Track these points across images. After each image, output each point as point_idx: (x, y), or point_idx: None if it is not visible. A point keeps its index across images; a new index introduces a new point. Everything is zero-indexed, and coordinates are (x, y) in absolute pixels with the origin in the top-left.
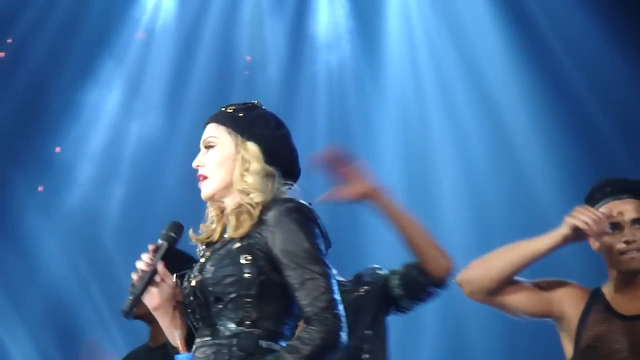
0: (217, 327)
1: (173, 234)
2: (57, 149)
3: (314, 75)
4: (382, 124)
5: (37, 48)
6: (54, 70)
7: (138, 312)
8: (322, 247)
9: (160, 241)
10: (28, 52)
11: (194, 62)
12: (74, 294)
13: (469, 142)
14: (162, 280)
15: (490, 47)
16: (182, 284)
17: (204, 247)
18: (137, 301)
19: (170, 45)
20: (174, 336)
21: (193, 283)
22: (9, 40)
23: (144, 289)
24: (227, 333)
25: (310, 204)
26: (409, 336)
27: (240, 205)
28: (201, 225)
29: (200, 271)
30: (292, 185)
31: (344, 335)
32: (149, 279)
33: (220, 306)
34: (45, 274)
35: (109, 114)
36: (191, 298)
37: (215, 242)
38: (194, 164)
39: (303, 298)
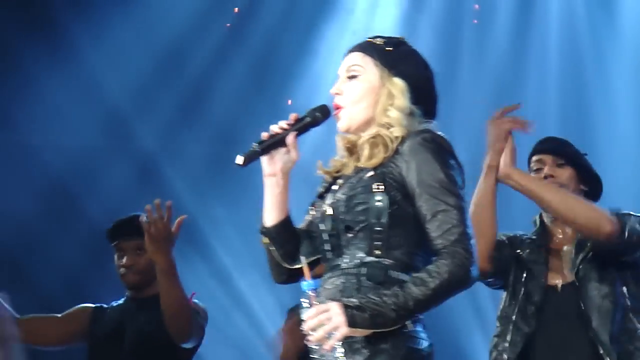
0: (347, 256)
1: (319, 114)
2: (289, 102)
3: (545, 24)
4: (617, 74)
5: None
6: (284, 30)
7: None
8: (458, 179)
9: (304, 115)
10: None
11: (422, 10)
12: None
13: None
14: (289, 151)
15: None
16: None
17: (330, 180)
18: (257, 155)
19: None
20: (271, 215)
21: (328, 211)
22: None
23: (269, 147)
24: (356, 262)
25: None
26: None
27: (376, 136)
28: (331, 160)
29: (332, 200)
30: (431, 122)
31: (474, 271)
32: (278, 141)
33: (350, 235)
34: None
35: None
36: (322, 227)
37: (343, 176)
38: (332, 91)
39: (434, 230)
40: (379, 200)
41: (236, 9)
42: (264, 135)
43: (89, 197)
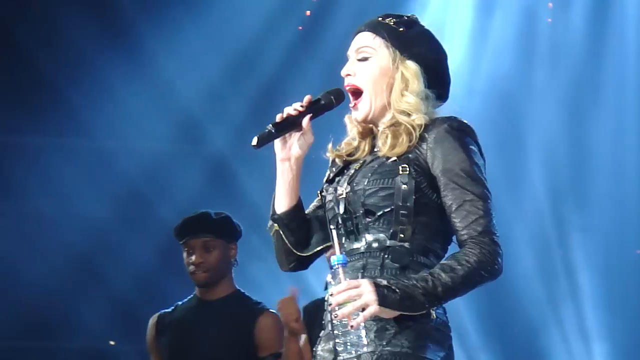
0: (365, 240)
1: (333, 98)
2: None
3: (621, 22)
4: None
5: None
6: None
7: None
8: (484, 168)
9: (319, 97)
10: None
11: (494, 6)
12: None
13: None
14: (303, 134)
15: None
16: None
17: (341, 164)
18: (272, 136)
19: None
20: (282, 201)
21: (343, 194)
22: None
23: (283, 129)
24: (376, 246)
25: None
26: None
27: (398, 124)
28: (341, 143)
29: (350, 182)
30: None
31: (500, 262)
32: (292, 123)
33: (370, 219)
34: None
35: None
36: (337, 210)
37: (357, 160)
38: (343, 72)
39: (459, 221)
40: (404, 184)
41: (308, 12)
42: (278, 116)
43: (163, 200)
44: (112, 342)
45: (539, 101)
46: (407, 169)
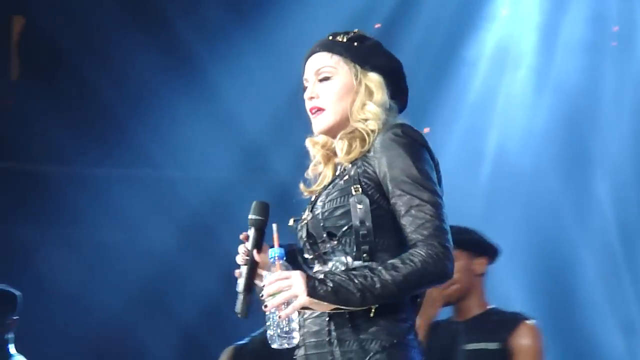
0: (333, 263)
1: (259, 217)
2: (426, 130)
3: None
4: None
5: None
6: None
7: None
8: (432, 173)
9: (250, 230)
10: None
11: (562, 22)
12: None
13: None
14: (263, 267)
15: None
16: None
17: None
18: (247, 296)
19: (535, 14)
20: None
21: (303, 222)
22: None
23: (248, 285)
24: (344, 268)
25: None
26: None
27: (353, 130)
28: (309, 170)
29: (311, 210)
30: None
31: (449, 265)
32: (250, 272)
33: (335, 242)
34: None
35: (476, 89)
36: (304, 238)
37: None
38: (307, 96)
39: (407, 226)
40: (359, 203)
41: (377, 25)
42: (236, 274)
43: (226, 228)
44: None
45: (606, 114)
46: (359, 188)
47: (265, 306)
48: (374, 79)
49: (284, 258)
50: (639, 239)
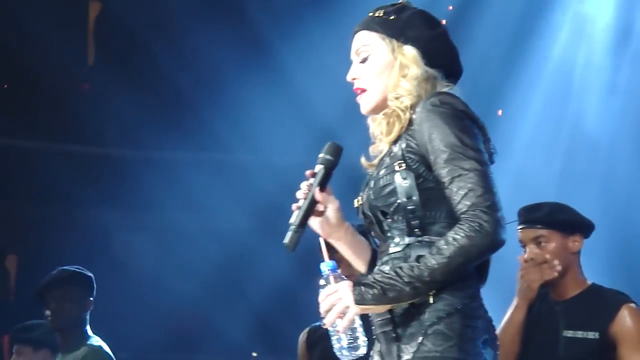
0: (392, 241)
1: (330, 157)
2: (499, 112)
3: None
4: None
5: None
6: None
7: None
8: (474, 139)
9: (317, 166)
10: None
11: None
12: None
13: None
14: (325, 207)
15: None
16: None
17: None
18: (299, 233)
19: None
20: (358, 264)
21: (358, 202)
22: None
23: (304, 218)
24: (401, 245)
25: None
26: None
27: (390, 110)
28: (370, 148)
29: (364, 189)
30: (452, 86)
31: (497, 232)
32: (308, 208)
33: (389, 219)
34: None
35: (548, 74)
36: (362, 217)
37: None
38: (349, 77)
39: (452, 197)
40: (404, 179)
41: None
42: (294, 208)
43: None
44: (254, 354)
45: None
46: (403, 164)
47: (324, 324)
48: (407, 54)
49: (337, 270)
50: None
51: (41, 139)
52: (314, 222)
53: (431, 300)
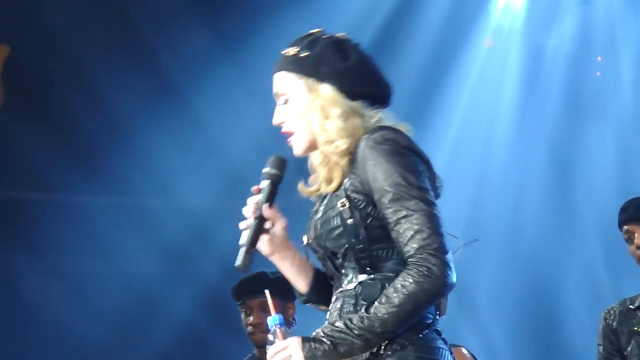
0: (345, 277)
1: (276, 171)
2: None
3: None
4: None
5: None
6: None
7: None
8: (420, 176)
9: (263, 182)
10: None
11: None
12: None
13: None
14: (273, 224)
15: None
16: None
17: (316, 199)
18: (250, 252)
19: (520, 48)
20: (299, 284)
21: (306, 241)
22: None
23: (253, 239)
24: (354, 282)
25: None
26: None
27: (325, 158)
28: (310, 179)
29: (313, 227)
30: (381, 110)
31: (446, 275)
32: (258, 226)
33: (340, 259)
34: None
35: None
36: (314, 252)
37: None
38: (275, 122)
39: (399, 239)
40: (350, 218)
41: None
42: (241, 227)
43: (207, 257)
44: None
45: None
46: (346, 203)
47: None
48: (324, 94)
49: (283, 325)
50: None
51: None
52: (260, 242)
53: (421, 333)
